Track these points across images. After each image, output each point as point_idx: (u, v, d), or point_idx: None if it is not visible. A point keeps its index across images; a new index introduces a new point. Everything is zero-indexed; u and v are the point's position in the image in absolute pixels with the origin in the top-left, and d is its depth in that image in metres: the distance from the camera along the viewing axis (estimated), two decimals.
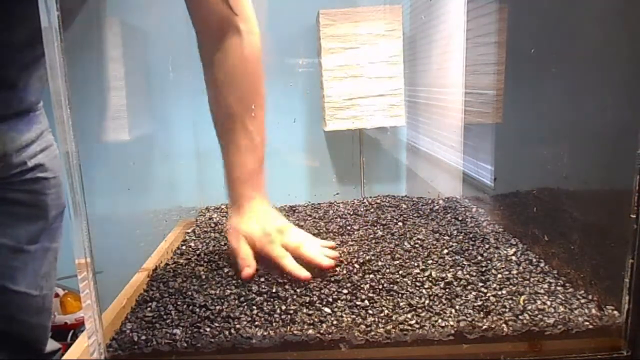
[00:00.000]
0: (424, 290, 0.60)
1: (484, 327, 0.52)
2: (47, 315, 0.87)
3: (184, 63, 1.25)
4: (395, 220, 0.85)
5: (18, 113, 0.77)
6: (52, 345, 0.88)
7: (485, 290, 0.59)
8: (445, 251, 0.71)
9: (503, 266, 0.66)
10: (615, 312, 0.53)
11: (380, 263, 0.68)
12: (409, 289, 0.60)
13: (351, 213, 0.92)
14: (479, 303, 0.56)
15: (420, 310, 0.55)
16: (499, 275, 0.63)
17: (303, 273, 0.63)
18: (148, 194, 1.19)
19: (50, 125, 0.84)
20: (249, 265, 0.65)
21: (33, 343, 0.84)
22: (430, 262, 0.68)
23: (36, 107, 0.81)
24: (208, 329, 0.54)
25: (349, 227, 0.84)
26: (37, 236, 0.81)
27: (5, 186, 0.77)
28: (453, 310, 0.55)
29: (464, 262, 0.67)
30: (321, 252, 0.67)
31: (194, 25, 0.71)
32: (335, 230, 0.83)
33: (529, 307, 0.55)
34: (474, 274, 0.64)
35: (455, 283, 0.61)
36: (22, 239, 0.79)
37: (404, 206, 0.93)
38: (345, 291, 0.60)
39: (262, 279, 0.64)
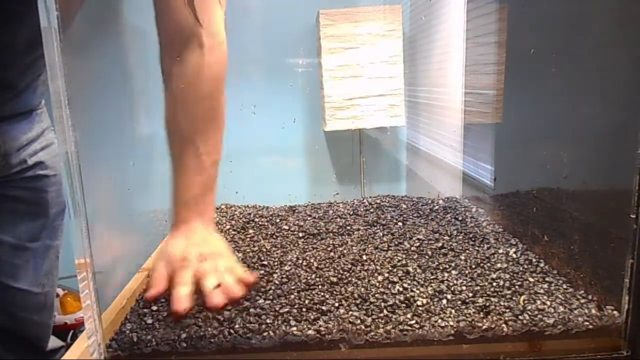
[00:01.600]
0: (423, 290, 0.60)
1: (484, 327, 0.52)
2: (49, 313, 0.87)
3: None
4: (395, 220, 0.85)
5: (21, 113, 0.78)
6: (54, 342, 0.89)
7: (485, 290, 0.59)
8: (445, 251, 0.71)
9: (503, 266, 0.66)
10: (615, 312, 0.53)
11: (379, 262, 0.68)
12: (407, 288, 0.60)
13: (351, 213, 0.92)
14: (479, 303, 0.56)
15: (420, 310, 0.55)
16: (499, 275, 0.63)
17: (175, 307, 0.55)
18: (148, 194, 1.19)
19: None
20: (155, 287, 0.59)
21: (35, 341, 0.85)
22: (429, 262, 0.68)
23: (39, 106, 0.82)
24: (208, 329, 0.54)
25: (348, 227, 0.84)
26: (38, 234, 0.82)
27: (6, 184, 0.78)
28: (453, 311, 0.55)
29: (464, 262, 0.67)
30: (228, 285, 0.59)
31: (158, 34, 0.66)
32: (335, 230, 0.83)
33: (529, 307, 0.55)
34: (474, 274, 0.64)
35: (454, 283, 0.61)
36: (24, 237, 0.80)
37: (404, 206, 0.93)
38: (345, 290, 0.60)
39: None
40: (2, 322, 0.80)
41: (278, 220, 0.90)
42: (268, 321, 0.55)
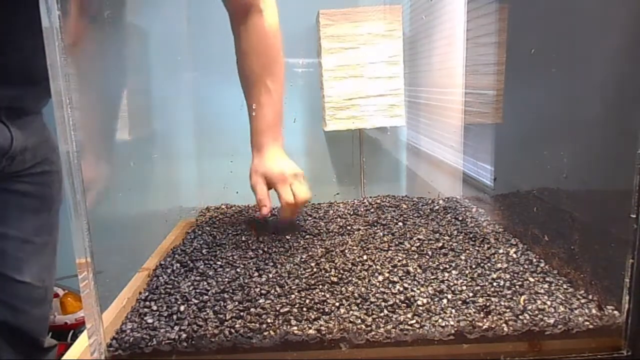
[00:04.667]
0: (424, 290, 0.60)
1: (484, 327, 0.52)
2: (48, 307, 0.89)
3: (185, 63, 1.25)
4: (395, 221, 0.85)
5: (39, 111, 0.82)
6: (48, 341, 0.90)
7: (485, 290, 0.59)
8: (445, 251, 0.71)
9: (503, 266, 0.66)
10: (616, 312, 0.53)
11: (380, 262, 0.68)
12: (408, 288, 0.60)
13: (351, 213, 0.92)
14: (479, 303, 0.56)
15: (420, 310, 0.56)
16: (499, 275, 0.63)
17: (287, 214, 0.82)
18: (148, 194, 1.19)
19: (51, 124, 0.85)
20: (265, 205, 0.81)
21: (35, 335, 0.86)
22: (430, 262, 0.68)
23: None
24: (209, 329, 0.54)
25: (349, 227, 0.84)
26: (42, 229, 0.84)
27: (15, 179, 0.80)
28: (453, 310, 0.55)
29: (464, 262, 0.67)
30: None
31: (225, 6, 0.85)
32: (336, 230, 0.83)
33: (529, 307, 0.55)
34: (474, 273, 0.64)
35: (455, 283, 0.61)
36: (29, 231, 0.82)
37: (404, 206, 0.93)
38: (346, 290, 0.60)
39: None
40: (5, 316, 0.81)
41: (279, 221, 0.90)
42: (269, 321, 0.55)
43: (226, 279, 0.65)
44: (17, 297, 0.81)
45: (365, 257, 0.70)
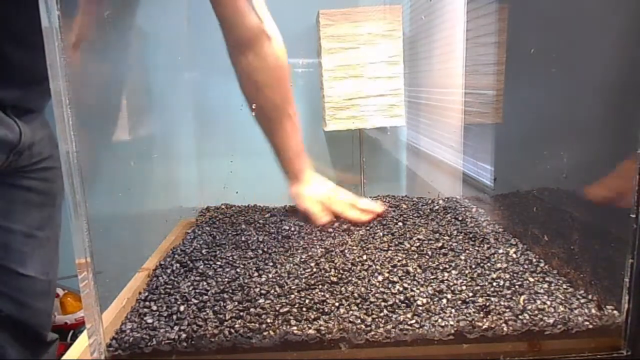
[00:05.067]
0: (423, 290, 0.60)
1: (484, 326, 0.52)
2: (51, 301, 0.91)
3: (185, 63, 1.25)
4: (395, 220, 0.85)
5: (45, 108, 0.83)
6: (50, 335, 0.91)
7: (485, 290, 0.59)
8: (445, 251, 0.71)
9: (503, 266, 0.66)
10: (615, 312, 0.53)
11: (380, 262, 0.68)
12: (408, 288, 0.60)
13: None
14: (479, 303, 0.56)
15: (420, 310, 0.56)
16: (499, 275, 0.63)
17: (363, 217, 0.84)
18: (148, 194, 1.19)
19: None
20: (322, 217, 0.85)
21: (38, 328, 0.87)
22: (430, 261, 0.68)
23: None
24: (208, 329, 0.54)
25: (348, 227, 0.84)
26: (45, 223, 0.85)
27: (22, 174, 0.81)
28: (453, 310, 0.55)
29: (464, 262, 0.67)
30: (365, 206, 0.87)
31: (226, 35, 0.81)
32: (335, 230, 0.83)
33: (529, 307, 0.55)
34: (474, 273, 0.64)
35: (454, 283, 0.61)
36: (33, 225, 0.83)
37: (404, 206, 0.93)
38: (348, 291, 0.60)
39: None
40: (10, 310, 0.82)
41: (278, 220, 0.90)
42: (268, 321, 0.55)
43: (226, 279, 0.65)
44: (21, 290, 0.82)
45: (365, 257, 0.70)
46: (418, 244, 0.74)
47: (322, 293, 0.60)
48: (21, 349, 0.83)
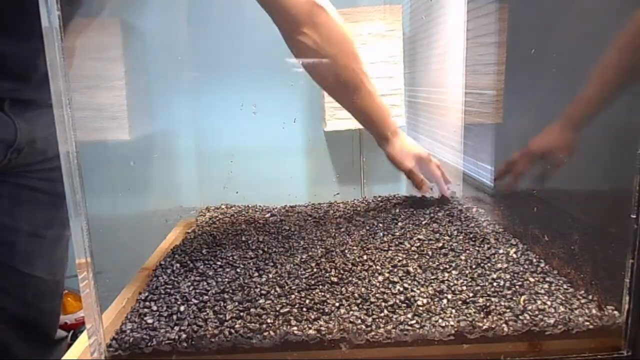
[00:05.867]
0: (424, 290, 0.60)
1: (484, 327, 0.52)
2: (59, 301, 0.90)
3: (185, 63, 1.25)
4: (395, 220, 0.85)
5: (49, 105, 0.80)
6: (58, 333, 0.91)
7: (486, 290, 0.59)
8: (445, 251, 0.71)
9: (503, 266, 0.66)
10: (616, 312, 0.53)
11: (380, 262, 0.68)
12: (408, 288, 0.60)
13: (351, 213, 0.92)
14: (480, 303, 0.56)
15: (420, 310, 0.56)
16: (500, 275, 0.63)
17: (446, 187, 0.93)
18: (148, 194, 1.19)
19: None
20: (425, 184, 0.91)
21: (45, 328, 0.87)
22: (430, 262, 0.68)
23: None
24: (209, 329, 0.54)
25: (349, 227, 0.84)
26: (51, 223, 0.84)
27: (27, 174, 0.81)
28: (453, 310, 0.55)
29: (464, 262, 0.67)
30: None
31: (279, 21, 0.77)
32: (336, 230, 0.83)
33: (529, 307, 0.55)
34: (474, 274, 0.64)
35: (455, 283, 0.61)
36: (39, 225, 0.82)
37: (404, 206, 0.93)
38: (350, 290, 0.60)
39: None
40: (16, 310, 0.82)
41: (278, 220, 0.90)
42: (269, 321, 0.55)
43: (226, 279, 0.65)
44: (27, 290, 0.82)
45: (365, 257, 0.70)
46: (418, 244, 0.74)
47: (323, 293, 0.60)
48: (28, 347, 0.83)
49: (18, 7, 0.67)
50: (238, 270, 0.68)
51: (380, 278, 0.63)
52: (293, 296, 0.60)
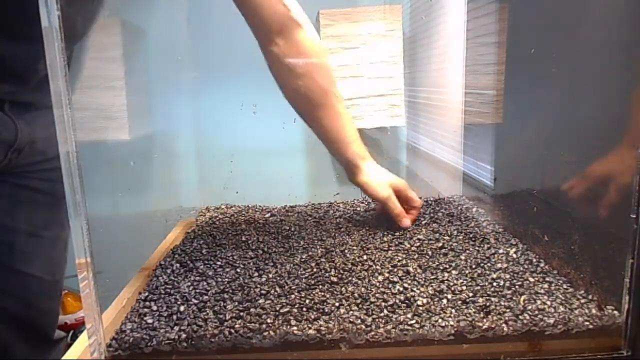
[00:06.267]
0: (423, 290, 0.60)
1: (484, 327, 0.52)
2: (58, 301, 0.90)
3: (185, 63, 1.25)
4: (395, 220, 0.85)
5: (50, 105, 0.80)
6: (57, 333, 0.91)
7: (485, 290, 0.59)
8: (445, 251, 0.71)
9: (503, 266, 0.66)
10: (615, 312, 0.53)
11: (380, 262, 0.68)
12: (408, 288, 0.60)
13: (351, 213, 0.92)
14: (479, 303, 0.56)
15: (420, 310, 0.55)
16: (499, 275, 0.63)
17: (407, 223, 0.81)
18: (148, 194, 1.19)
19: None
20: (405, 217, 0.81)
21: (44, 328, 0.87)
22: (430, 261, 0.68)
23: None
24: (209, 329, 0.54)
25: (349, 227, 0.84)
26: (52, 223, 0.85)
27: (27, 174, 0.81)
28: (453, 310, 0.55)
29: (464, 262, 0.67)
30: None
31: (253, 28, 0.78)
32: (336, 230, 0.83)
33: (529, 307, 0.55)
34: (474, 273, 0.64)
35: (455, 283, 0.61)
36: (39, 225, 0.83)
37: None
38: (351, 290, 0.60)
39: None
40: (15, 309, 0.82)
41: (278, 220, 0.90)
42: (269, 321, 0.55)
43: (226, 279, 0.65)
44: (26, 290, 0.82)
45: (365, 257, 0.70)
46: (418, 244, 0.74)
47: (323, 293, 0.60)
48: (27, 347, 0.84)
49: (18, 9, 0.67)
50: (238, 270, 0.68)
51: (380, 278, 0.63)
52: (293, 296, 0.60)
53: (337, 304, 0.57)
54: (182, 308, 0.58)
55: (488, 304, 0.56)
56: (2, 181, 0.79)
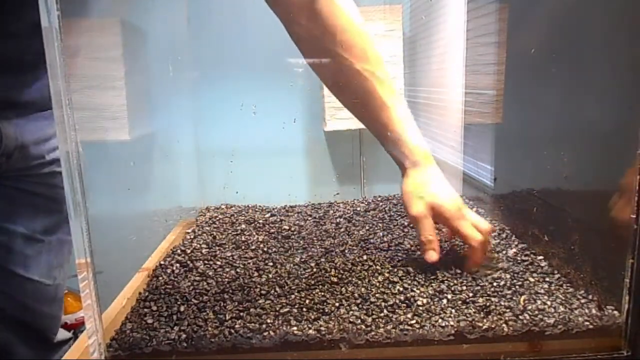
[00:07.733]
0: (423, 290, 0.60)
1: (484, 327, 0.52)
2: (58, 305, 0.89)
3: (185, 63, 1.25)
4: (395, 220, 0.85)
5: (40, 109, 0.79)
6: (62, 334, 0.91)
7: (486, 290, 0.59)
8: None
9: (503, 266, 0.66)
10: (615, 312, 0.53)
11: (380, 262, 0.68)
12: (408, 288, 0.60)
13: (351, 213, 0.92)
14: (480, 303, 0.56)
15: (420, 310, 0.55)
16: (499, 275, 0.63)
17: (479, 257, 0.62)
18: (148, 194, 1.19)
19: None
20: (434, 249, 0.62)
21: (44, 332, 0.86)
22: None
23: None
24: (208, 329, 0.54)
25: (349, 227, 0.84)
26: (53, 228, 0.84)
27: (25, 178, 0.80)
28: (453, 310, 0.55)
29: (464, 262, 0.67)
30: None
31: (280, 12, 0.69)
32: (335, 230, 0.83)
33: (529, 307, 0.55)
34: (474, 273, 0.64)
35: (455, 283, 0.61)
36: (38, 229, 0.82)
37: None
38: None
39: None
40: (15, 312, 0.81)
41: (278, 220, 0.90)
42: (269, 321, 0.55)
43: (226, 279, 0.65)
44: (24, 293, 0.82)
45: (365, 257, 0.70)
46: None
47: (323, 293, 0.60)
48: (27, 349, 0.83)
49: (12, 8, 0.67)
50: (238, 270, 0.68)
51: (380, 278, 0.63)
52: (293, 296, 0.60)
53: (337, 304, 0.57)
54: (182, 308, 0.58)
55: (488, 304, 0.56)
56: (0, 185, 0.79)
